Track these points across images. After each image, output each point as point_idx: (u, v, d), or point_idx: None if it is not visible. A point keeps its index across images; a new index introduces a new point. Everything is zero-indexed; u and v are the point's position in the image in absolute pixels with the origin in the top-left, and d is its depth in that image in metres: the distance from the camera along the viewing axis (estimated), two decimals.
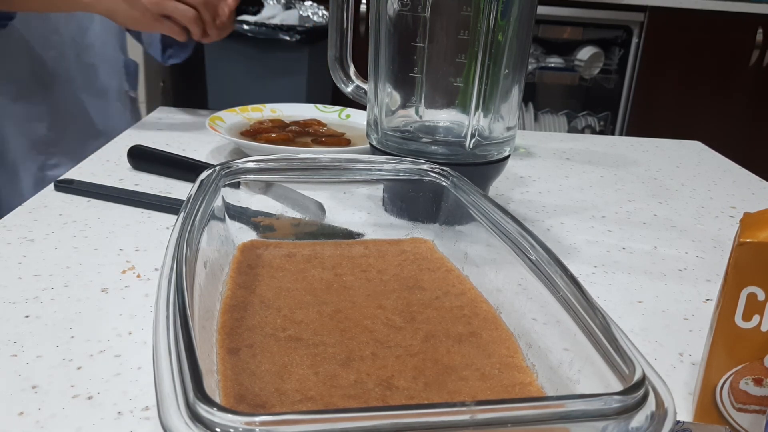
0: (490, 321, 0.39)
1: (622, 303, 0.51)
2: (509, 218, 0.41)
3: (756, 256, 0.32)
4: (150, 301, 0.47)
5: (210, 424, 0.22)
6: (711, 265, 0.59)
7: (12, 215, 0.60)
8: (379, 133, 0.61)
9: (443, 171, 0.49)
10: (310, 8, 2.09)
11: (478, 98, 0.57)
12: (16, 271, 0.50)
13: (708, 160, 0.96)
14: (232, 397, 0.31)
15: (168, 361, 0.25)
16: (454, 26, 0.56)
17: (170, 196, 0.66)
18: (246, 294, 0.41)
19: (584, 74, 2.49)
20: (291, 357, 0.34)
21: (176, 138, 0.87)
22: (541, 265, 0.36)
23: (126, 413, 0.35)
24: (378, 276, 0.45)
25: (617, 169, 0.87)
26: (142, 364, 0.40)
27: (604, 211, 0.71)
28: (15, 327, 0.42)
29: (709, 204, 0.76)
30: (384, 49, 0.60)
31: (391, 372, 0.34)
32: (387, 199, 0.62)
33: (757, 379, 0.34)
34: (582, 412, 0.24)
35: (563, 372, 0.32)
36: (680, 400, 0.39)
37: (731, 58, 2.34)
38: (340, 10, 0.66)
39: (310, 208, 0.57)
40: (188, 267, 0.32)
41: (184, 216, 0.37)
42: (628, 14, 2.31)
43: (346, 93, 0.70)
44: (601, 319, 0.30)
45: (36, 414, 0.35)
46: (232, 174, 0.47)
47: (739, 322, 0.33)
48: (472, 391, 0.33)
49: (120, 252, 0.54)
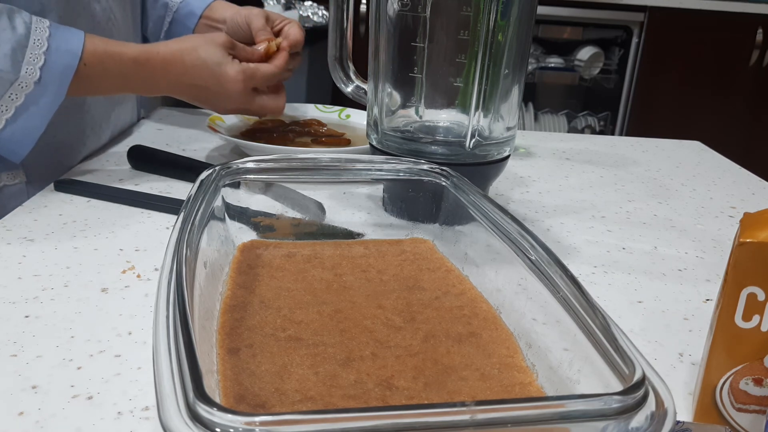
0: (490, 321, 0.39)
1: (622, 303, 0.51)
2: (509, 218, 0.41)
3: (756, 256, 0.32)
4: (150, 301, 0.47)
5: (210, 424, 0.22)
6: (711, 265, 0.59)
7: (12, 215, 0.60)
8: (379, 133, 0.61)
9: (443, 171, 0.49)
10: (310, 8, 2.09)
11: (478, 98, 0.57)
12: (16, 271, 0.50)
13: (708, 160, 0.96)
14: (232, 397, 0.31)
15: (168, 361, 0.25)
16: (454, 26, 0.56)
17: (170, 196, 0.66)
18: (246, 294, 0.41)
19: (584, 74, 2.48)
20: (291, 357, 0.34)
21: (176, 138, 0.87)
22: (541, 265, 0.36)
23: (126, 413, 0.35)
24: (378, 276, 0.45)
25: (617, 169, 0.87)
26: (142, 364, 0.40)
27: (604, 211, 0.71)
28: (15, 327, 0.42)
29: (709, 204, 0.76)
30: (384, 49, 0.60)
31: (391, 372, 0.34)
32: (387, 199, 0.62)
33: (757, 379, 0.34)
34: (582, 412, 0.24)
35: (563, 372, 0.32)
36: (680, 400, 0.39)
37: (731, 58, 2.34)
38: (340, 10, 0.66)
39: (310, 208, 0.57)
40: (188, 267, 0.32)
41: (184, 216, 0.37)
42: (628, 14, 2.30)
43: (346, 93, 0.70)
44: (601, 319, 0.30)
45: (36, 414, 0.35)
46: (232, 174, 0.47)
47: (739, 322, 0.33)
48: (472, 391, 0.33)
49: (120, 252, 0.54)
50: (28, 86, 0.61)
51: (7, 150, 0.64)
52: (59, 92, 0.63)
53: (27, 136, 0.64)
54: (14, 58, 0.60)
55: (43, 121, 0.64)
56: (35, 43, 0.62)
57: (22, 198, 0.70)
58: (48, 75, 0.62)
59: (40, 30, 0.62)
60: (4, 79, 0.60)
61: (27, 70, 0.61)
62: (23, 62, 0.61)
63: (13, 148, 0.64)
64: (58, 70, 0.63)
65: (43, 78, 0.62)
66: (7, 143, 0.63)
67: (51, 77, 0.62)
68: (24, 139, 0.64)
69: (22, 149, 0.64)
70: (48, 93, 0.63)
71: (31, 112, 0.63)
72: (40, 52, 0.62)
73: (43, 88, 0.62)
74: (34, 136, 0.64)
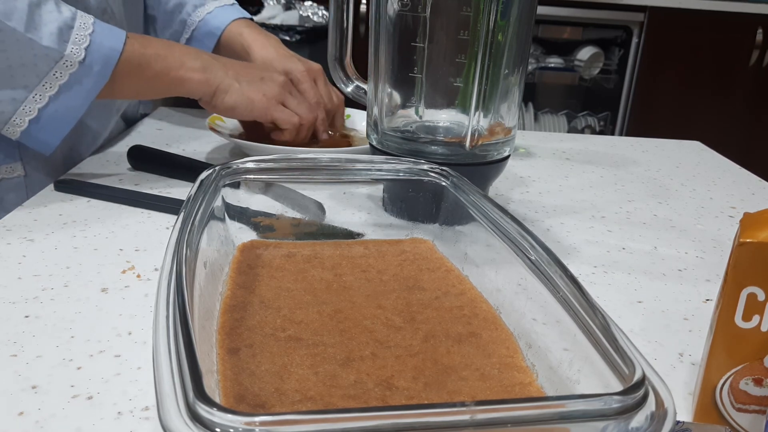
0: (490, 321, 0.40)
1: (622, 303, 0.51)
2: (509, 218, 0.41)
3: (756, 256, 0.32)
4: (150, 301, 0.47)
5: (210, 424, 0.22)
6: (711, 265, 0.59)
7: (12, 215, 0.60)
8: (379, 133, 0.61)
9: (443, 171, 0.49)
10: (310, 8, 2.09)
11: (478, 98, 0.57)
12: (16, 271, 0.50)
13: (708, 160, 0.96)
14: (231, 397, 0.31)
15: (168, 361, 0.25)
16: (454, 26, 0.56)
17: (170, 196, 0.66)
18: (246, 294, 0.41)
19: (584, 74, 2.49)
20: (291, 357, 0.34)
21: (176, 138, 0.87)
22: (541, 265, 0.36)
23: (126, 413, 0.35)
24: (378, 276, 0.45)
25: (617, 169, 0.87)
26: (142, 364, 0.40)
27: (604, 211, 0.71)
28: (15, 327, 0.42)
29: (709, 204, 0.76)
30: (384, 49, 0.60)
31: (391, 372, 0.34)
32: (387, 199, 0.62)
33: (757, 379, 0.34)
34: (582, 412, 0.24)
35: (563, 372, 0.32)
36: (680, 400, 0.39)
37: (731, 58, 2.34)
38: (340, 10, 0.66)
39: (310, 208, 0.57)
40: (188, 267, 0.32)
41: (184, 216, 0.37)
42: (628, 14, 2.30)
43: (346, 93, 0.70)
44: (601, 319, 0.30)
45: (36, 414, 0.35)
46: (232, 174, 0.47)
47: (739, 322, 0.33)
48: (472, 391, 0.33)
49: (120, 252, 0.54)
50: (73, 65, 0.62)
51: (44, 133, 0.64)
52: (103, 73, 0.64)
53: (67, 116, 0.64)
54: (60, 37, 0.61)
55: (85, 102, 0.64)
56: (81, 26, 0.63)
57: (20, 192, 0.70)
58: (92, 56, 0.63)
59: (86, 17, 0.64)
60: (50, 57, 0.61)
61: (72, 49, 0.62)
62: (69, 42, 0.62)
63: (50, 131, 0.64)
64: (103, 52, 0.64)
65: (88, 58, 0.63)
66: (46, 124, 0.63)
67: (96, 58, 0.63)
68: (64, 118, 0.64)
69: (59, 132, 0.64)
70: (92, 74, 0.64)
71: (74, 91, 0.63)
72: (86, 34, 0.63)
73: (88, 68, 0.63)
74: (73, 117, 0.64)
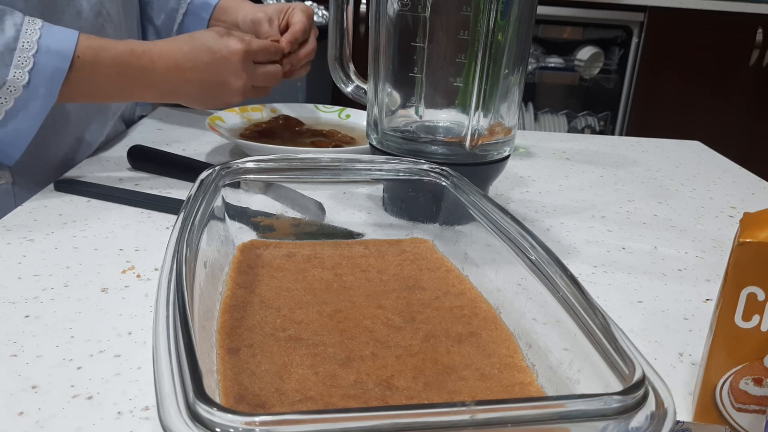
0: (490, 321, 0.40)
1: (622, 303, 0.51)
2: (509, 218, 0.41)
3: (756, 256, 0.32)
4: (150, 301, 0.47)
5: (210, 424, 0.22)
6: (711, 265, 0.59)
7: (12, 215, 0.60)
8: (379, 133, 0.61)
9: (443, 171, 0.49)
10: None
11: (478, 98, 0.57)
12: (16, 271, 0.50)
13: (708, 160, 0.96)
14: (232, 397, 0.31)
15: (168, 361, 0.25)
16: (454, 26, 0.56)
17: (170, 196, 0.66)
18: (246, 294, 0.41)
19: (584, 74, 2.49)
20: (291, 357, 0.34)
21: (176, 138, 0.87)
22: (541, 265, 0.36)
23: (126, 413, 0.35)
24: (378, 276, 0.45)
25: (617, 169, 0.87)
26: (142, 364, 0.40)
27: (604, 211, 0.71)
28: (15, 327, 0.42)
29: (709, 204, 0.76)
30: (384, 49, 0.60)
31: (391, 372, 0.34)
32: (387, 199, 0.62)
33: (757, 379, 0.34)
34: (582, 412, 0.24)
35: (563, 372, 0.32)
36: (680, 400, 0.39)
37: (731, 58, 2.34)
38: (340, 10, 0.66)
39: (310, 208, 0.57)
40: (188, 267, 0.32)
41: (184, 216, 0.37)
42: (628, 14, 2.30)
43: (346, 93, 0.70)
44: (601, 319, 0.30)
45: (36, 414, 0.35)
46: (232, 174, 0.47)
47: (739, 322, 0.33)
48: (472, 391, 0.33)
49: (120, 252, 0.54)
50: (17, 90, 0.60)
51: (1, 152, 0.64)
52: (50, 95, 0.62)
53: (18, 140, 0.63)
54: (2, 61, 0.59)
55: (34, 126, 0.63)
56: (24, 46, 0.60)
57: (8, 199, 0.70)
58: (37, 78, 0.61)
59: (31, 32, 0.61)
60: None
61: (15, 73, 0.60)
62: (11, 65, 0.60)
63: (4, 150, 0.64)
64: (47, 73, 0.62)
65: (32, 81, 0.61)
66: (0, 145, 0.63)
67: (40, 80, 0.61)
68: (15, 142, 0.63)
69: (14, 152, 0.64)
70: (38, 96, 0.62)
71: (21, 116, 0.62)
72: (29, 55, 0.60)
73: (33, 91, 0.61)
74: (25, 140, 0.64)
